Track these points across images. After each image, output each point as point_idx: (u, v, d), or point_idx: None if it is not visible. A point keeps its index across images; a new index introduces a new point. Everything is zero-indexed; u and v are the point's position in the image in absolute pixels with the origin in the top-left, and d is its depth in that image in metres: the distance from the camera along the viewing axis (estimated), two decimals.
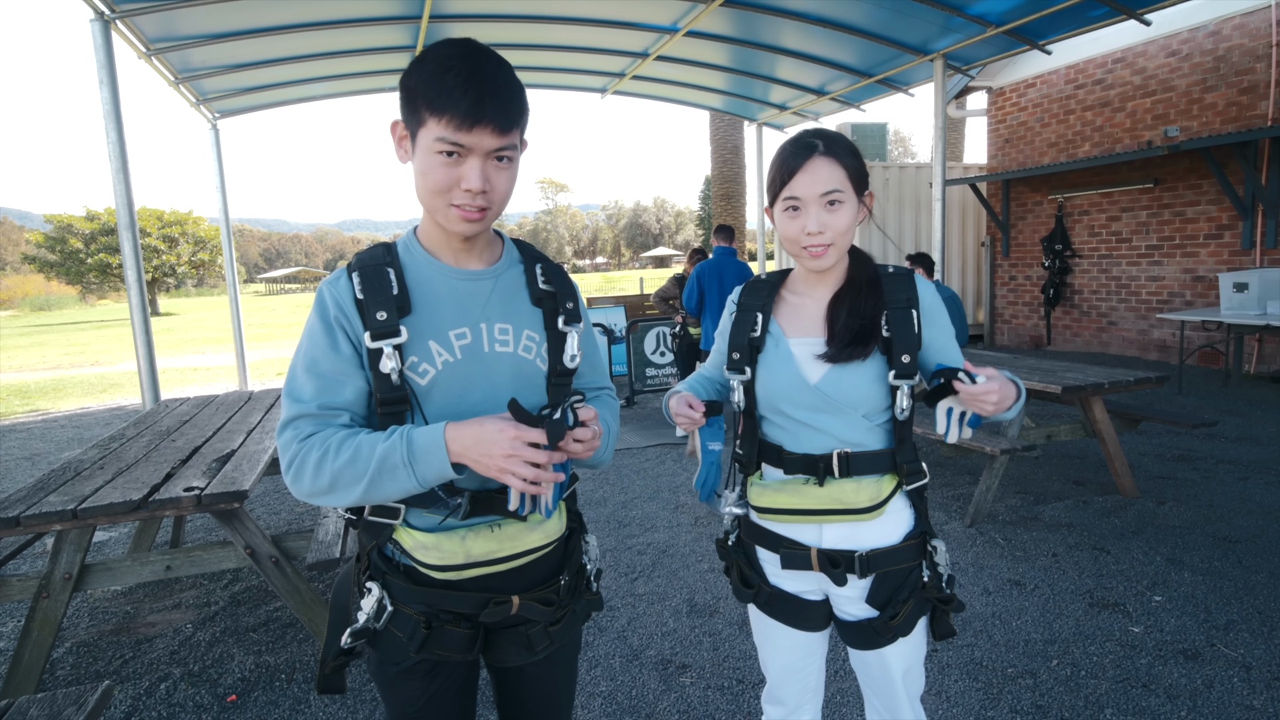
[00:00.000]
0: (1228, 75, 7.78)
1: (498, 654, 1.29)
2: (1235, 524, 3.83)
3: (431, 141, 1.12)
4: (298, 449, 1.14)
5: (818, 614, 1.51)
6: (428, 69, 1.11)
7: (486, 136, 1.11)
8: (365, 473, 1.12)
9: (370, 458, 1.12)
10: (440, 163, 1.13)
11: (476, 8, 6.55)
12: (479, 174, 1.13)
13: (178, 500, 2.40)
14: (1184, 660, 2.63)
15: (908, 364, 1.38)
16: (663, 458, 5.69)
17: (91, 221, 36.50)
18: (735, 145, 15.32)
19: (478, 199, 1.15)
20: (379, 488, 1.13)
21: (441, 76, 1.09)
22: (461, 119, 1.09)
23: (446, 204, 1.16)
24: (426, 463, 1.11)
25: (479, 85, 1.10)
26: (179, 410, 3.97)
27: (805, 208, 1.38)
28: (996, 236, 10.86)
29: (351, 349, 1.19)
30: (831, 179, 1.36)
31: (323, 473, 1.13)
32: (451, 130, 1.10)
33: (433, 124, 1.11)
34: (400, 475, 1.11)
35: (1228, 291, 6.76)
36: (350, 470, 1.12)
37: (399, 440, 1.12)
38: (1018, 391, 1.35)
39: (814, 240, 1.38)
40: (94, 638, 3.13)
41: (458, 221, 1.17)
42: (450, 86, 1.09)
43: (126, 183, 5.25)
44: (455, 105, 1.09)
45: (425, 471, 1.11)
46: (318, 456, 1.13)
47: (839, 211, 1.37)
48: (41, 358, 16.08)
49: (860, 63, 7.74)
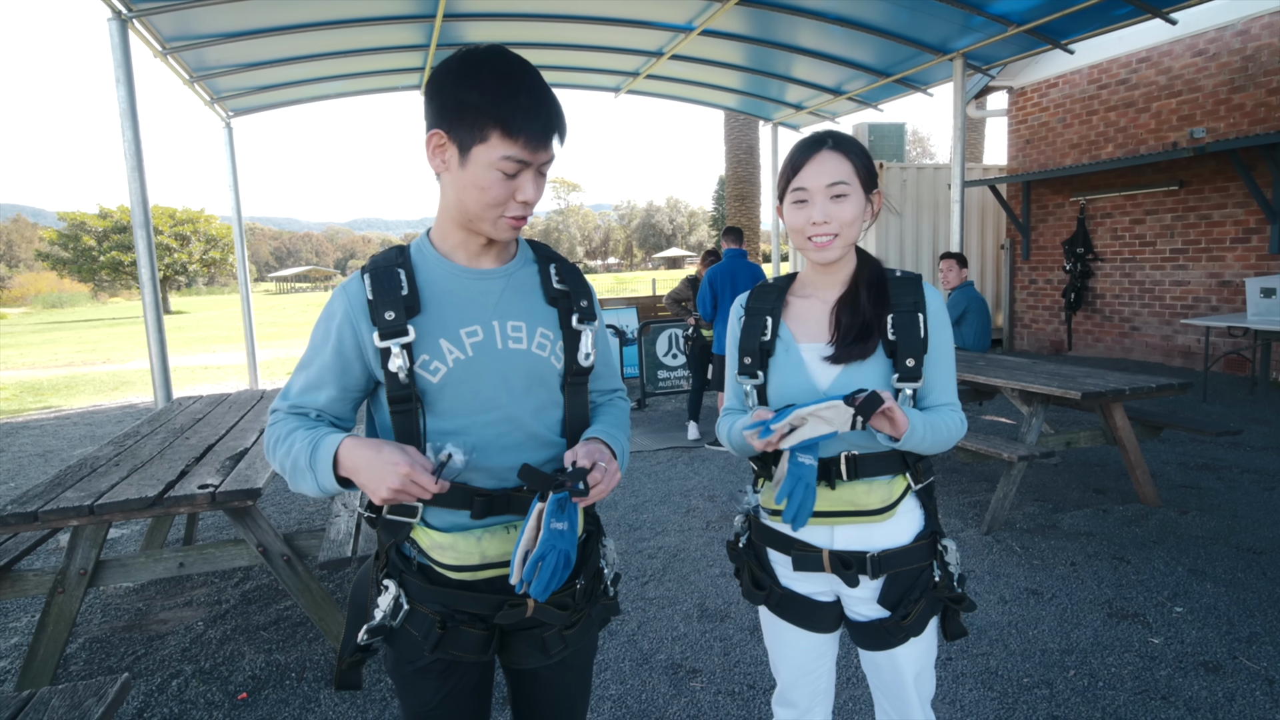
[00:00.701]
0: (1256, 75, 7.63)
1: (513, 656, 1.30)
2: (1260, 535, 3.75)
3: (497, 159, 1.15)
4: (268, 435, 1.27)
5: (829, 615, 1.52)
6: (489, 85, 1.12)
7: (546, 152, 1.17)
8: (289, 468, 1.21)
9: (289, 455, 1.20)
10: (501, 178, 1.16)
11: (491, 7, 6.55)
12: (536, 186, 1.19)
13: (192, 497, 2.41)
14: (1205, 672, 2.58)
15: (912, 368, 1.40)
16: (674, 461, 5.66)
17: (104, 219, 36.87)
18: (750, 145, 15.27)
19: (529, 208, 1.20)
20: (300, 484, 1.20)
21: (513, 97, 1.12)
22: (537, 140, 1.14)
23: (499, 215, 1.20)
24: (322, 472, 1.17)
25: (546, 105, 1.15)
26: (192, 408, 3.99)
27: (812, 198, 1.41)
28: (1016, 239, 10.73)
29: (338, 356, 1.24)
30: (838, 171, 1.40)
31: (274, 460, 1.24)
32: (527, 151, 1.14)
33: (501, 143, 1.14)
34: (307, 477, 1.19)
35: (1255, 296, 6.63)
36: (285, 459, 1.21)
37: (306, 445, 1.19)
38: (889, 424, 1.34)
39: (819, 230, 1.41)
40: (107, 634, 3.16)
41: (507, 230, 1.22)
42: (525, 108, 1.12)
43: (141, 181, 5.29)
44: (529, 127, 1.13)
45: (324, 481, 1.18)
46: (271, 442, 1.25)
47: (844, 204, 1.40)
48: (54, 355, 16.32)
49: (878, 62, 7.66)
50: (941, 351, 1.45)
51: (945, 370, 1.47)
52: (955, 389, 1.49)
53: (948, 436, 1.43)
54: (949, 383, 1.47)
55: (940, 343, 1.45)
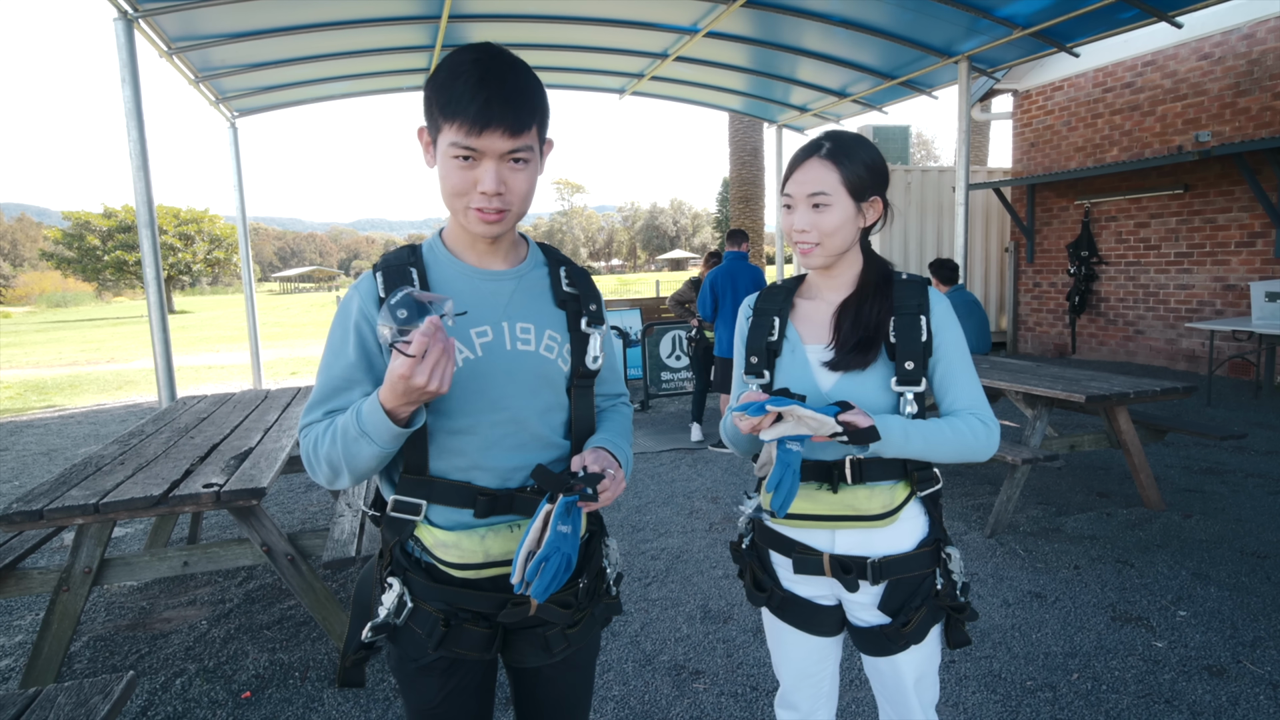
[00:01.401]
0: (1262, 79, 7.62)
1: (515, 654, 1.30)
2: (1264, 539, 3.74)
3: (447, 146, 1.16)
4: (307, 447, 1.22)
5: (831, 619, 1.51)
6: (441, 76, 1.15)
7: (497, 139, 1.14)
8: (340, 449, 1.16)
9: (334, 444, 1.17)
10: (456, 166, 1.16)
11: (496, 8, 6.57)
12: (494, 177, 1.16)
13: (197, 496, 2.41)
14: (1209, 676, 2.57)
15: (911, 370, 1.39)
16: (677, 462, 5.66)
17: (109, 219, 36.97)
18: (754, 147, 15.24)
19: (494, 201, 1.18)
20: (357, 460, 1.16)
21: (452, 83, 1.13)
22: (471, 123, 1.12)
23: (465, 206, 1.20)
24: (370, 422, 1.13)
25: (486, 89, 1.12)
26: (197, 408, 4.00)
27: (795, 206, 1.44)
28: (1021, 242, 10.71)
29: (362, 352, 1.23)
30: (820, 182, 1.40)
31: (320, 461, 1.19)
32: (463, 135, 1.13)
33: (447, 129, 1.15)
34: (361, 443, 1.14)
35: (1259, 301, 6.61)
36: (331, 449, 1.17)
37: (351, 414, 1.16)
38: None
39: (801, 238, 1.43)
40: (111, 632, 3.16)
41: (477, 223, 1.21)
42: (459, 92, 1.12)
43: (147, 180, 5.31)
44: (464, 110, 1.12)
45: (371, 428, 1.13)
46: (313, 447, 1.20)
47: (825, 213, 1.40)
48: (58, 354, 16.38)
49: (883, 64, 7.67)
50: (952, 353, 1.42)
51: (959, 372, 1.43)
52: (979, 392, 1.44)
53: (962, 446, 1.37)
54: (968, 385, 1.42)
55: (947, 343, 1.42)
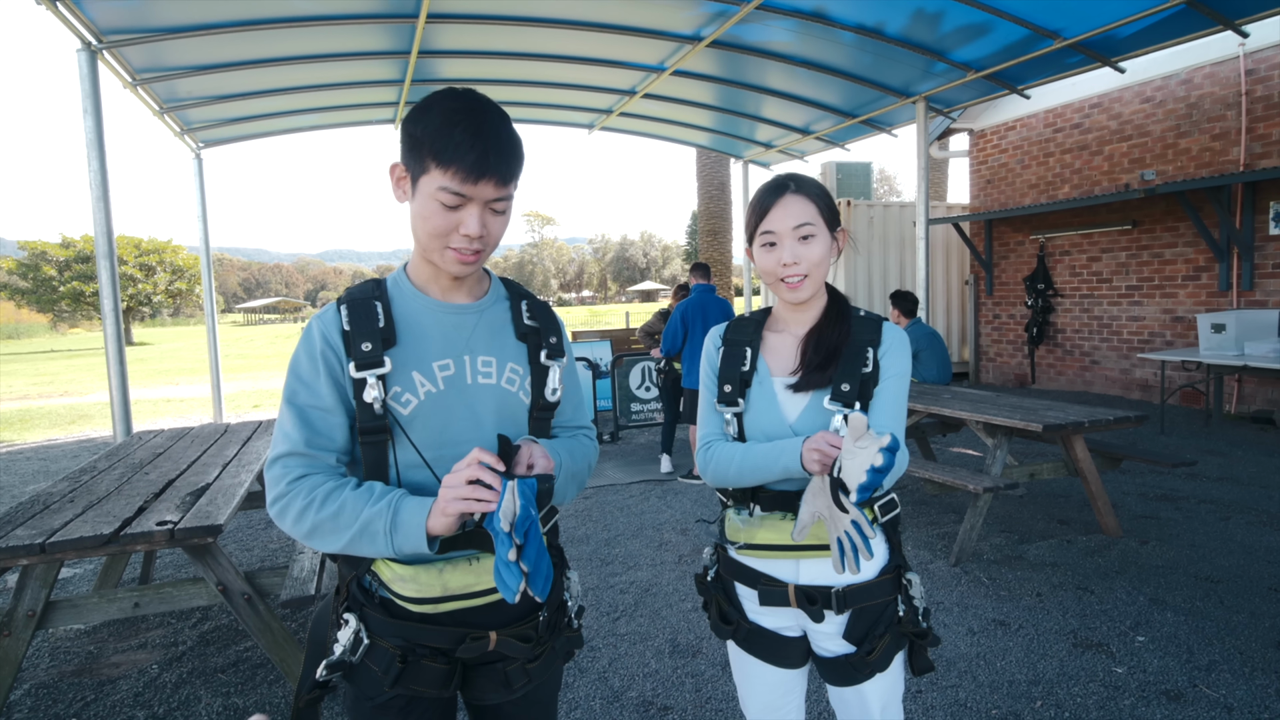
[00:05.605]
0: (1200, 122, 8.01)
1: (475, 691, 1.28)
2: (1217, 563, 3.84)
3: (435, 190, 1.17)
4: (285, 489, 1.18)
5: (796, 651, 1.52)
6: (434, 120, 1.16)
7: (488, 188, 1.17)
8: (347, 531, 1.15)
9: (355, 519, 1.15)
10: (441, 209, 1.18)
11: (466, 44, 6.64)
12: (478, 221, 1.19)
13: (150, 534, 2.34)
14: (1167, 701, 2.61)
15: (846, 392, 1.43)
16: (647, 494, 5.64)
17: (66, 249, 36.03)
18: (721, 181, 15.54)
19: (475, 244, 1.20)
20: (357, 547, 1.17)
21: (449, 131, 1.14)
22: (467, 172, 1.15)
23: (443, 246, 1.21)
24: (405, 536, 1.14)
25: (484, 140, 1.15)
26: (153, 442, 3.90)
27: (780, 241, 1.45)
28: (980, 275, 11.01)
29: (334, 384, 1.22)
30: (804, 213, 1.44)
31: (304, 520, 1.17)
32: (457, 182, 1.15)
33: (437, 174, 1.16)
34: (379, 541, 1.15)
35: (1206, 332, 6.87)
36: (332, 524, 1.16)
37: (385, 509, 1.15)
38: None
39: (790, 271, 1.44)
40: (54, 679, 3.03)
41: (453, 263, 1.22)
42: (457, 141, 1.14)
43: (107, 211, 5.22)
44: (462, 159, 1.14)
45: (402, 544, 1.14)
46: (302, 505, 1.17)
47: (812, 244, 1.44)
48: (8, 387, 15.79)
49: (844, 103, 7.90)
50: (889, 382, 1.45)
51: (889, 399, 1.44)
52: (898, 419, 1.45)
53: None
54: (892, 412, 1.44)
55: (890, 373, 1.45)
